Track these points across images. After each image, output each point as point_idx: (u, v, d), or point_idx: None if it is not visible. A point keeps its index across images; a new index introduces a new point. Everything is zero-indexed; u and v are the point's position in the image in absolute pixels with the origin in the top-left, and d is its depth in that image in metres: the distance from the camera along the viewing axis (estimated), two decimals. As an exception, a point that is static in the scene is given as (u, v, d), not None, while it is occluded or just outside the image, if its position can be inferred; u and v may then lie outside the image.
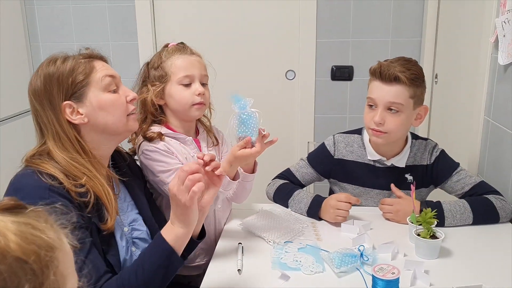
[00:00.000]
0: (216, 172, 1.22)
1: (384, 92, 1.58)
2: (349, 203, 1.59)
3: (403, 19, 2.80)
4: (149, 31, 2.96)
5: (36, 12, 3.00)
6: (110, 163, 1.38)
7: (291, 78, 3.00)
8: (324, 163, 1.80)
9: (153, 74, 1.58)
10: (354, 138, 1.77)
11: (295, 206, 1.70)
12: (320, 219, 1.65)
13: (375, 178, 1.73)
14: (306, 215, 1.67)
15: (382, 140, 1.64)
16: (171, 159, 1.52)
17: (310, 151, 2.32)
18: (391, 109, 1.59)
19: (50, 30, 3.03)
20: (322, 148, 1.82)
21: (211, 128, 1.73)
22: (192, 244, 1.36)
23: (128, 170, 1.43)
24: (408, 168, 1.71)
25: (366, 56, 2.86)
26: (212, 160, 1.21)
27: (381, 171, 1.73)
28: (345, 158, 1.76)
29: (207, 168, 1.21)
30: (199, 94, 1.55)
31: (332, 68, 2.91)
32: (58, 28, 3.02)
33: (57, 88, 1.22)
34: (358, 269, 1.33)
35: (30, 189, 1.15)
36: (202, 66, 1.59)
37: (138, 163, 1.56)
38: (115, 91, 1.29)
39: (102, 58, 1.33)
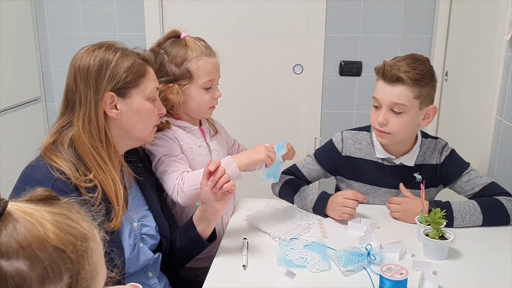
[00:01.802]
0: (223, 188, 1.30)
1: (387, 92, 1.55)
2: (356, 200, 1.57)
3: (414, 15, 2.76)
4: (156, 22, 2.93)
5: (45, 2, 2.99)
6: (123, 157, 1.38)
7: (298, 73, 2.98)
8: (332, 160, 1.78)
9: (172, 70, 1.53)
10: (362, 135, 1.75)
11: (300, 202, 1.68)
12: (326, 216, 1.63)
13: (383, 176, 1.71)
14: (311, 211, 1.65)
15: (386, 140, 1.61)
16: (175, 147, 1.52)
17: (317, 147, 2.30)
18: (396, 110, 1.56)
19: (58, 19, 3.01)
20: (329, 144, 1.79)
21: (210, 118, 1.74)
22: (201, 245, 1.37)
23: (141, 165, 1.42)
24: (417, 167, 1.68)
25: (376, 52, 2.82)
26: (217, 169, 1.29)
27: (389, 169, 1.70)
28: (353, 156, 1.74)
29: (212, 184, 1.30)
30: (217, 98, 1.58)
31: (340, 63, 2.88)
32: (66, 18, 3.00)
33: (109, 76, 1.23)
34: (365, 268, 1.31)
35: (34, 183, 1.13)
36: (219, 68, 1.59)
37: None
38: (153, 101, 1.33)
39: (153, 65, 1.36)
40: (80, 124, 1.22)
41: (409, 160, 1.67)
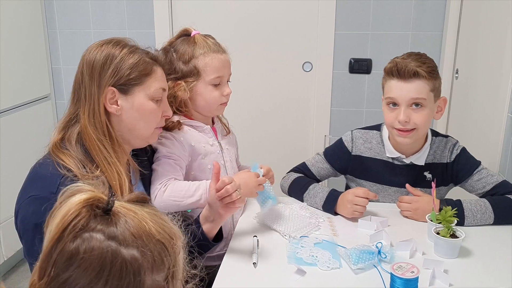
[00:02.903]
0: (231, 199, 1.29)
1: (405, 89, 1.54)
2: (367, 198, 1.56)
3: (424, 12, 2.74)
4: (166, 20, 2.94)
5: (54, 0, 3.00)
6: (131, 154, 1.38)
7: (308, 70, 2.97)
8: (341, 159, 1.77)
9: (180, 68, 1.52)
10: (372, 134, 1.74)
11: (310, 200, 1.68)
12: (336, 214, 1.63)
13: (393, 175, 1.70)
14: (321, 209, 1.65)
15: (409, 139, 1.59)
16: (177, 150, 1.50)
17: (326, 145, 2.30)
18: (416, 105, 1.54)
19: (68, 17, 3.03)
20: (339, 143, 1.79)
21: (223, 118, 1.73)
22: (208, 245, 1.36)
23: (148, 163, 1.42)
24: (428, 166, 1.67)
25: (386, 49, 2.81)
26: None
27: (399, 168, 1.69)
28: (363, 155, 1.73)
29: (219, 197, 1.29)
30: (227, 94, 1.56)
31: (350, 61, 2.87)
32: (76, 16, 3.01)
33: (112, 72, 1.23)
34: (375, 267, 1.31)
35: (41, 180, 1.16)
36: (229, 65, 1.58)
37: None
38: (157, 101, 1.31)
39: (163, 66, 1.35)
40: (86, 117, 1.23)
41: (419, 159, 1.66)
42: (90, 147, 1.22)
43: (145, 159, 1.40)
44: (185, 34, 1.57)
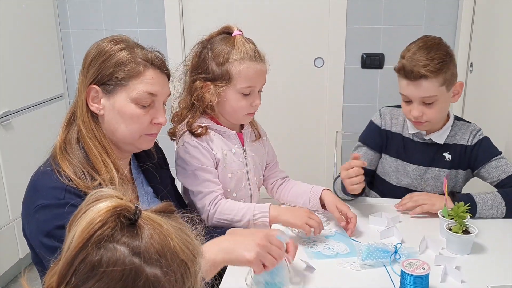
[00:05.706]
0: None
1: (414, 89, 1.55)
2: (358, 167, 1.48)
3: (437, 5, 2.70)
4: (176, 18, 2.94)
5: (67, 0, 3.02)
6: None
7: (319, 66, 2.95)
8: (375, 136, 1.77)
9: (213, 69, 1.45)
10: (399, 111, 1.75)
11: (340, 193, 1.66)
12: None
13: (412, 151, 1.71)
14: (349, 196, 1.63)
15: (424, 127, 1.65)
16: (207, 159, 1.47)
17: (338, 140, 2.28)
18: (426, 102, 1.56)
19: (80, 17, 3.05)
20: (370, 124, 1.80)
21: (254, 121, 1.67)
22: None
23: (148, 159, 1.41)
24: (447, 146, 1.67)
25: (398, 43, 2.73)
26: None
27: (419, 145, 1.70)
28: (390, 130, 1.75)
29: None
30: (255, 105, 1.50)
31: (362, 56, 2.84)
32: (88, 15, 3.04)
33: (96, 68, 1.18)
34: (385, 266, 1.29)
35: (46, 190, 1.13)
36: (265, 75, 1.51)
37: (174, 152, 1.52)
38: (145, 107, 1.21)
39: (160, 69, 1.24)
40: (79, 113, 1.20)
41: (439, 137, 1.67)
42: (85, 146, 1.19)
43: (147, 163, 1.38)
44: (226, 32, 1.50)
